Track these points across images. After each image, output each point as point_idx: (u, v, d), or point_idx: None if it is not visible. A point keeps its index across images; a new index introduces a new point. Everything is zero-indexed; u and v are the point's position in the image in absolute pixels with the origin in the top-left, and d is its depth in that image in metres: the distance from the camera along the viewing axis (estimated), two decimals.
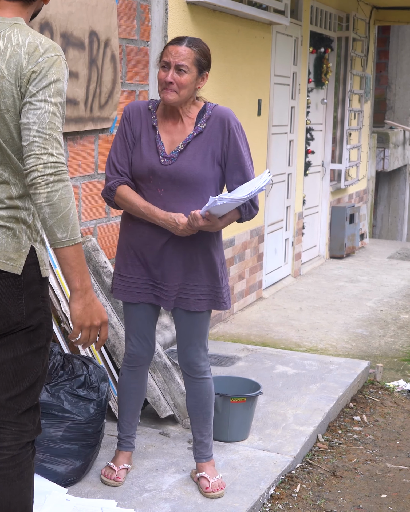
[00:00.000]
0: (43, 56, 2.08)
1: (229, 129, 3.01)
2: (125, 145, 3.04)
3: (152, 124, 3.04)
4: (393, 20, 9.81)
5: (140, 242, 3.08)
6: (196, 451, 3.29)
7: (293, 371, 4.74)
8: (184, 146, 3.00)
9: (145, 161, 3.00)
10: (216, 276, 3.11)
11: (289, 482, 3.48)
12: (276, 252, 7.23)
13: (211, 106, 3.07)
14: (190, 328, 3.15)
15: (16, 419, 2.27)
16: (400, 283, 7.71)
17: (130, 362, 3.23)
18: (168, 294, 3.09)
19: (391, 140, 11.02)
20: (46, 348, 2.29)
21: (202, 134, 3.01)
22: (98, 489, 3.19)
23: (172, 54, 2.93)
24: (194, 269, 3.08)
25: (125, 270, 3.11)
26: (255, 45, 6.15)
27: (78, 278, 2.13)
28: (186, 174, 2.98)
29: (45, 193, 2.05)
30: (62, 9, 3.74)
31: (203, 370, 3.21)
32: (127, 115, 3.06)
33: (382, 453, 3.92)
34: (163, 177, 2.99)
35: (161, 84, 2.95)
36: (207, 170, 3.00)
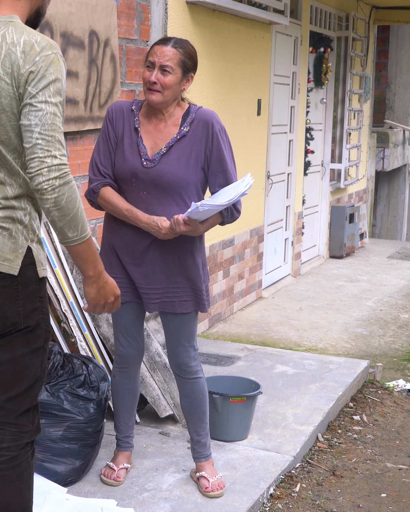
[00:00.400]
0: (40, 55, 2.06)
1: (212, 133, 2.99)
2: (108, 146, 3.01)
3: (134, 126, 3.01)
4: (392, 19, 9.81)
5: (122, 243, 3.06)
6: (194, 451, 3.29)
7: (293, 370, 4.74)
8: (167, 149, 2.97)
9: (128, 163, 2.98)
10: (199, 279, 3.10)
11: (289, 482, 3.48)
12: (275, 252, 7.23)
13: (194, 108, 3.04)
14: (179, 329, 3.14)
15: (15, 420, 2.26)
16: (399, 282, 7.72)
17: (121, 363, 3.23)
18: (149, 297, 3.07)
19: (391, 140, 11.02)
20: (44, 348, 2.28)
21: (186, 137, 2.99)
22: (98, 489, 3.19)
23: (158, 54, 2.92)
24: (177, 272, 3.06)
25: (110, 270, 3.05)
26: (254, 44, 6.15)
27: (91, 267, 2.20)
28: (169, 178, 2.96)
29: (52, 198, 2.06)
30: (62, 9, 3.74)
31: (195, 370, 3.21)
32: (110, 116, 3.03)
33: (382, 453, 3.93)
34: (146, 180, 2.97)
35: (146, 83, 2.94)
36: (190, 174, 2.98)
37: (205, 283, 3.13)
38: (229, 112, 5.79)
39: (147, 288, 3.06)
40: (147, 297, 3.07)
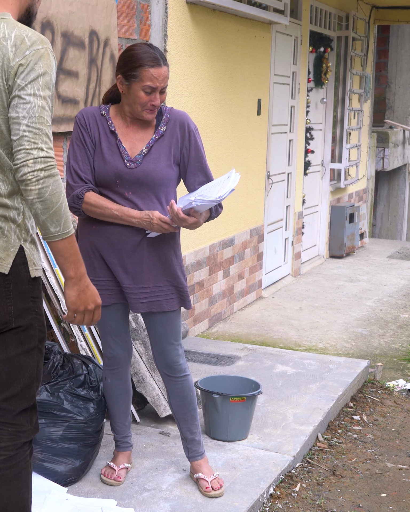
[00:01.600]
0: (30, 49, 2.07)
1: (188, 132, 3.06)
2: (86, 152, 3.01)
3: (110, 129, 3.03)
4: (392, 19, 9.81)
5: (107, 243, 3.04)
6: (189, 450, 3.29)
7: (293, 370, 4.74)
8: (148, 150, 3.02)
9: (110, 165, 2.99)
10: (182, 276, 3.13)
11: (289, 482, 3.48)
12: (275, 252, 7.23)
13: (167, 109, 3.09)
14: (166, 328, 3.14)
15: (13, 419, 2.27)
16: (399, 282, 7.72)
17: (111, 365, 3.22)
18: (138, 296, 3.07)
19: (391, 140, 11.02)
20: (39, 349, 2.28)
21: (164, 137, 3.04)
22: (98, 489, 3.19)
23: (159, 79, 2.93)
24: (163, 271, 3.08)
25: (93, 273, 3.04)
26: (254, 44, 6.15)
27: (72, 267, 2.17)
28: (154, 177, 3.00)
29: (36, 189, 2.06)
30: (63, 9, 3.74)
31: (184, 367, 3.22)
32: (82, 122, 3.02)
33: (382, 453, 3.93)
34: (131, 180, 3.00)
35: (144, 106, 2.95)
36: (170, 171, 3.05)
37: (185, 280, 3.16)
38: (228, 112, 5.79)
39: (135, 288, 3.06)
40: (135, 297, 3.06)
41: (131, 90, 2.95)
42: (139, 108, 2.97)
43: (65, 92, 3.83)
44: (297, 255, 7.77)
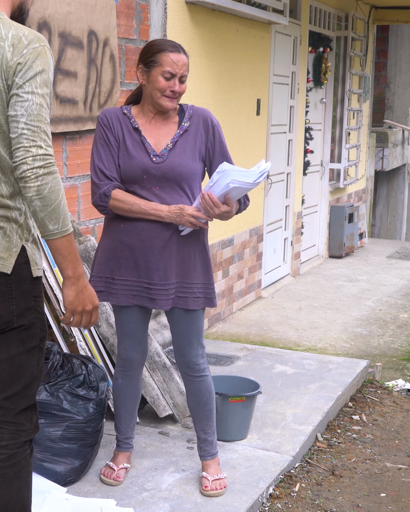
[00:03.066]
0: (27, 48, 2.08)
1: (212, 126, 3.10)
2: (110, 150, 3.03)
3: (133, 126, 3.05)
4: (392, 19, 9.81)
5: (138, 241, 3.05)
6: (201, 449, 3.29)
7: (292, 370, 4.74)
8: (173, 144, 3.04)
9: (136, 161, 3.01)
10: (210, 273, 3.14)
11: (288, 481, 3.48)
12: (275, 252, 7.23)
13: (187, 106, 3.13)
14: (189, 327, 3.15)
15: (13, 418, 2.27)
16: (399, 282, 7.72)
17: (124, 366, 3.22)
18: (166, 293, 3.07)
19: (390, 140, 11.02)
20: (40, 348, 2.28)
21: (188, 132, 3.07)
22: (97, 489, 3.19)
23: (178, 64, 2.97)
24: (192, 267, 3.09)
25: (118, 272, 3.07)
26: (254, 44, 6.15)
27: (70, 266, 2.17)
28: (181, 171, 3.02)
29: (35, 186, 2.06)
30: (61, 9, 3.73)
31: (203, 367, 3.22)
32: (105, 121, 3.05)
33: (381, 452, 3.93)
34: (158, 175, 3.02)
35: (163, 91, 2.98)
36: (196, 165, 3.07)
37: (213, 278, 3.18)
38: (228, 112, 5.79)
39: (165, 284, 3.06)
40: (163, 294, 3.06)
41: (151, 77, 2.99)
42: (158, 94, 2.98)
43: (64, 92, 3.83)
44: (296, 255, 7.77)
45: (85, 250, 3.89)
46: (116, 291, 3.09)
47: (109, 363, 3.77)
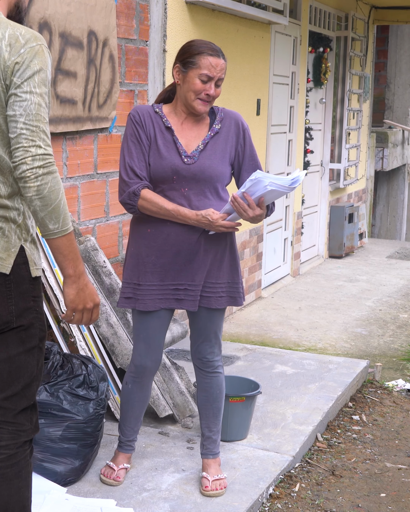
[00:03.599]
0: (25, 47, 2.07)
1: (243, 130, 3.10)
2: (141, 148, 3.01)
3: (165, 125, 3.04)
4: (392, 19, 9.81)
5: (166, 245, 3.04)
6: (203, 447, 3.29)
7: (292, 370, 4.74)
8: (204, 146, 3.04)
9: (167, 161, 3.00)
10: (236, 272, 3.14)
11: (288, 482, 3.48)
12: (275, 252, 7.23)
13: (219, 109, 3.13)
14: (208, 325, 3.16)
15: (13, 418, 2.27)
16: (399, 282, 7.72)
17: (137, 373, 3.21)
18: (193, 293, 3.07)
19: (390, 140, 11.02)
20: (39, 348, 2.28)
21: (219, 134, 3.07)
22: (97, 489, 3.19)
23: (217, 68, 2.96)
24: (218, 266, 3.10)
25: (144, 278, 3.06)
26: (254, 44, 6.15)
27: (71, 265, 2.17)
28: (211, 172, 3.02)
29: (35, 186, 2.06)
30: (61, 9, 3.74)
31: (216, 364, 3.23)
32: (137, 119, 3.03)
33: (381, 453, 3.93)
34: (188, 176, 3.01)
35: (198, 94, 2.97)
36: (225, 168, 3.07)
37: (240, 276, 3.17)
38: None
39: (190, 285, 3.06)
40: (192, 295, 3.07)
41: (187, 77, 2.98)
42: (193, 97, 2.98)
43: (63, 92, 3.83)
44: (296, 255, 7.77)
45: (85, 250, 3.89)
46: (142, 297, 3.08)
47: (109, 363, 3.77)
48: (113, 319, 3.81)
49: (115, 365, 3.80)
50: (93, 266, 3.90)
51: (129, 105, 4.54)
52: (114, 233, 4.51)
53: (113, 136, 4.41)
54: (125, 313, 3.93)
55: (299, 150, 7.57)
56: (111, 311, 3.84)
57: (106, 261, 3.94)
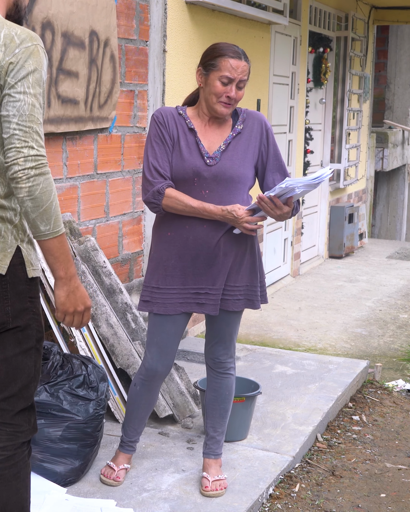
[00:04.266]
0: (20, 47, 2.06)
1: (266, 130, 3.09)
2: (165, 149, 3.02)
3: (189, 127, 3.04)
4: (392, 19, 9.81)
5: (185, 248, 3.04)
6: (206, 446, 3.30)
7: (292, 370, 4.74)
8: (226, 146, 3.03)
9: (189, 163, 3.00)
10: (256, 275, 3.13)
11: (288, 482, 3.48)
12: (275, 252, 7.23)
13: (241, 109, 3.12)
14: (223, 327, 3.17)
15: (11, 420, 2.27)
16: (399, 282, 7.72)
17: (147, 376, 3.20)
18: (214, 297, 3.07)
19: (390, 140, 11.02)
20: (37, 349, 2.28)
21: (241, 134, 3.06)
22: (97, 489, 3.19)
23: (237, 70, 2.95)
24: (237, 269, 3.08)
25: (164, 282, 3.06)
26: (254, 44, 6.15)
27: (62, 267, 2.16)
28: (232, 174, 3.01)
29: (26, 187, 2.05)
30: (64, 9, 3.74)
31: (228, 366, 3.24)
32: (161, 120, 3.04)
33: (381, 453, 3.93)
34: (209, 178, 3.00)
35: (219, 96, 2.96)
36: (247, 169, 3.05)
37: (260, 278, 3.16)
38: None
39: (211, 289, 3.06)
40: (212, 299, 3.06)
41: (209, 80, 2.98)
42: (214, 99, 2.97)
43: (65, 92, 3.83)
44: (296, 256, 7.77)
45: (85, 250, 3.89)
46: (162, 300, 3.07)
47: (109, 363, 3.77)
48: (113, 319, 3.81)
49: (115, 365, 3.80)
50: (93, 266, 3.90)
51: (129, 105, 4.54)
52: (114, 233, 4.51)
53: (113, 136, 4.41)
54: (125, 314, 3.93)
55: (299, 150, 7.57)
56: (111, 311, 3.84)
57: (106, 261, 3.94)
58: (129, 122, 4.56)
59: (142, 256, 4.84)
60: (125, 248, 4.64)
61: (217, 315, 3.13)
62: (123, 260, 4.63)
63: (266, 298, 3.23)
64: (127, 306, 3.93)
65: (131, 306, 3.95)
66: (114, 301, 3.92)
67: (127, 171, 4.58)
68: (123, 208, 4.57)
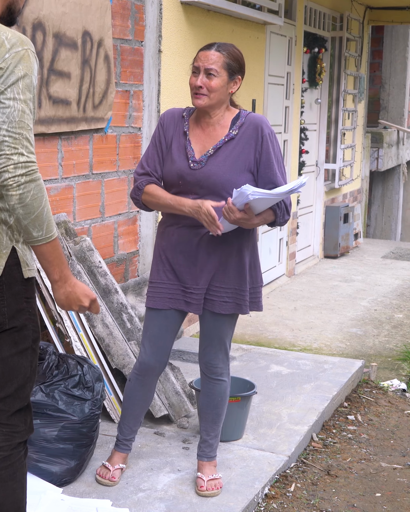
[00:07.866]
0: (10, 52, 2.04)
1: (262, 136, 3.02)
2: (156, 150, 3.07)
3: (183, 130, 3.05)
4: (386, 20, 9.82)
5: (170, 245, 3.08)
6: (200, 449, 3.30)
7: (288, 370, 4.75)
8: (215, 151, 3.01)
9: (175, 166, 3.02)
10: (244, 278, 3.10)
11: (284, 482, 3.49)
12: (270, 252, 7.24)
13: (244, 113, 3.08)
14: (212, 329, 3.16)
15: (7, 420, 2.27)
16: (394, 282, 7.73)
17: (140, 370, 3.21)
18: (197, 297, 3.08)
19: (385, 140, 11.04)
20: (33, 349, 2.28)
21: (234, 140, 3.02)
22: (93, 489, 3.19)
23: (202, 59, 2.96)
24: (223, 271, 3.07)
25: (157, 276, 3.11)
26: (249, 45, 6.16)
27: (56, 270, 2.18)
28: (215, 179, 2.97)
29: (17, 195, 2.05)
30: (56, 9, 3.73)
31: (220, 372, 3.22)
32: (162, 122, 3.09)
33: (377, 452, 3.93)
34: (192, 182, 2.99)
35: (192, 89, 2.98)
36: (236, 176, 2.98)
37: (252, 284, 3.13)
38: None
39: (195, 288, 3.07)
40: (195, 298, 3.08)
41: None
42: (191, 94, 3.00)
43: (57, 92, 3.83)
44: (292, 255, 7.78)
45: (81, 250, 3.89)
46: (153, 294, 3.12)
47: (105, 363, 3.77)
48: (108, 319, 3.81)
49: (110, 365, 3.80)
50: (88, 266, 3.90)
51: (124, 106, 4.54)
52: (110, 234, 4.51)
53: (108, 136, 4.41)
54: (120, 314, 3.93)
55: (294, 150, 7.58)
56: (106, 311, 3.84)
57: (102, 262, 3.94)
58: (124, 123, 4.56)
59: (137, 256, 4.84)
60: (120, 248, 4.64)
61: (205, 317, 3.13)
62: (119, 260, 4.63)
63: (259, 305, 3.18)
64: (123, 306, 3.93)
65: (126, 306, 3.95)
66: (110, 301, 3.92)
67: (122, 171, 4.58)
68: (118, 208, 4.57)
